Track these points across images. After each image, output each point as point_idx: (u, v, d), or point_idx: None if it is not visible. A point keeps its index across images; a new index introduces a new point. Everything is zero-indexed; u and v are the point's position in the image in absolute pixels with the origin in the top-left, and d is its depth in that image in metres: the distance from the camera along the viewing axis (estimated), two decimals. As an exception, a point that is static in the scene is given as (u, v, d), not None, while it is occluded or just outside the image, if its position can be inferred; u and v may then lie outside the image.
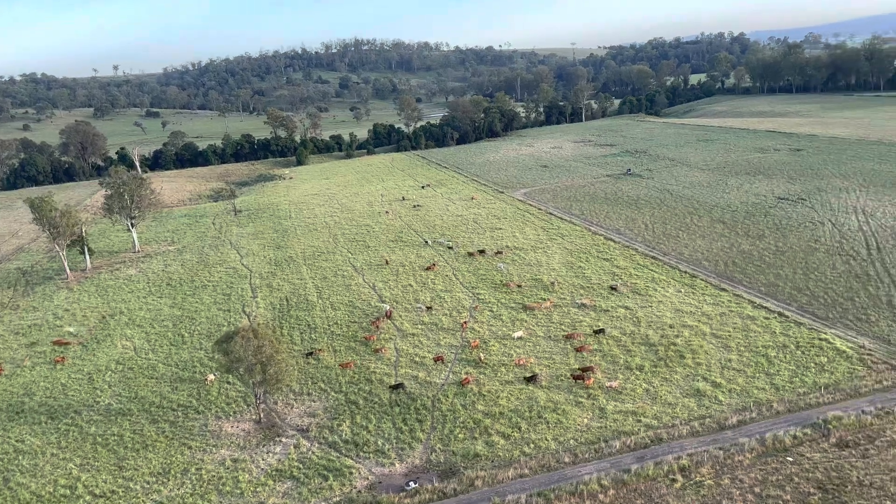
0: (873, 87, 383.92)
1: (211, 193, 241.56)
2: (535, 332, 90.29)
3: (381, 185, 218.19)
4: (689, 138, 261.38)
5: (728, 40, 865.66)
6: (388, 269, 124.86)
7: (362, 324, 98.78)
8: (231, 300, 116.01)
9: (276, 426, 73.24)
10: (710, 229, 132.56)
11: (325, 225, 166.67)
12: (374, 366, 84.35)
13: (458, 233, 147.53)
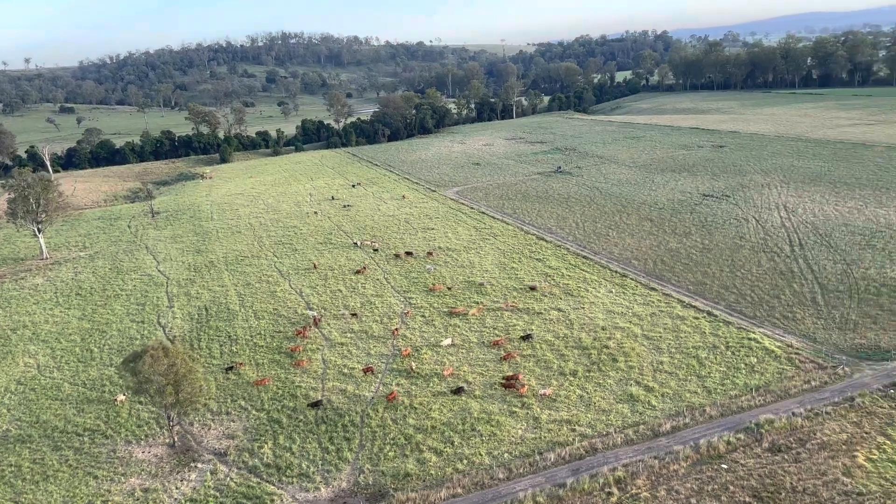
0: (789, 84, 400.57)
1: (128, 194, 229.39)
2: (468, 338, 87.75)
3: (309, 184, 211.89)
4: (617, 136, 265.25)
5: (652, 38, 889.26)
6: (317, 274, 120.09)
7: (287, 334, 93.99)
8: (146, 310, 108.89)
9: (191, 450, 68.07)
10: (638, 227, 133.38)
11: (250, 227, 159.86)
12: (300, 380, 79.94)
13: (389, 233, 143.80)
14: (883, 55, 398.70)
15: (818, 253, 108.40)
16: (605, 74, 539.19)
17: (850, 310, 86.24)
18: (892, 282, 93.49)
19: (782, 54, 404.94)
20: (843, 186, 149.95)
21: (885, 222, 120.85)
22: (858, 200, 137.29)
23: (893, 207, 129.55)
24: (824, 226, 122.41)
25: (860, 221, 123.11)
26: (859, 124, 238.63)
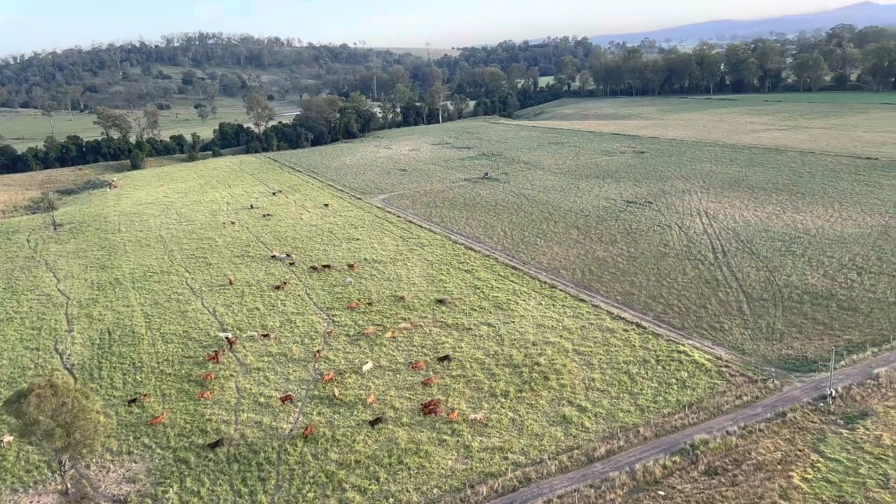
0: (704, 90, 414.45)
1: (29, 204, 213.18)
2: (394, 358, 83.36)
3: (227, 192, 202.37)
4: (542, 141, 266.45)
5: (573, 44, 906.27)
6: (233, 290, 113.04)
7: (198, 359, 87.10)
8: (41, 335, 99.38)
9: (87, 497, 61.05)
10: (565, 235, 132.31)
11: (160, 239, 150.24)
12: (210, 412, 73.60)
13: (312, 245, 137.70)
14: (790, 62, 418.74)
15: (741, 260, 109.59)
16: (529, 80, 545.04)
17: (775, 319, 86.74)
18: (814, 289, 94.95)
19: (697, 61, 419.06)
20: (760, 192, 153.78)
21: (803, 228, 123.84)
22: (776, 206, 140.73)
23: (809, 213, 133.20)
24: (745, 232, 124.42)
25: (779, 227, 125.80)
26: (772, 129, 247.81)
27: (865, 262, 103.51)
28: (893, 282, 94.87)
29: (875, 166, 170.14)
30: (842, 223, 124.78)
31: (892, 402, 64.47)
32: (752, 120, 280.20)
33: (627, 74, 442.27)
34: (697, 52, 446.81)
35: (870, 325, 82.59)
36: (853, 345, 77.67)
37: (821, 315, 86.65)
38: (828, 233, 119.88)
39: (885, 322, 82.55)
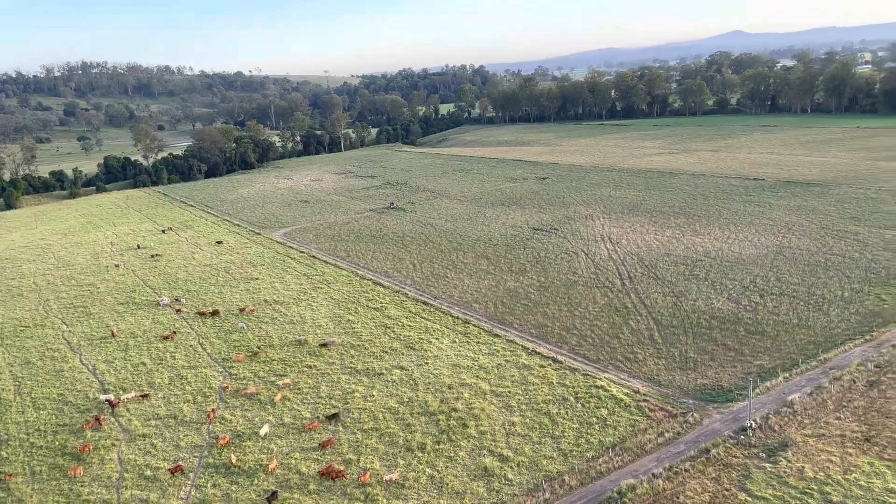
0: (597, 116, 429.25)
1: None
2: (299, 413, 76.68)
3: (111, 231, 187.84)
4: (446, 168, 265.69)
5: (470, 72, 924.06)
6: (116, 344, 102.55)
7: (75, 426, 77.13)
8: None
9: None
10: (475, 266, 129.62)
11: (34, 287, 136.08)
12: (88, 490, 64.42)
13: (206, 287, 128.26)
14: (675, 88, 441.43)
15: (647, 286, 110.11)
16: (430, 107, 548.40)
17: (687, 346, 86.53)
18: (721, 313, 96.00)
19: (589, 88, 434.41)
20: (659, 215, 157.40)
21: (703, 251, 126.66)
22: (675, 229, 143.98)
23: (707, 235, 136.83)
24: (648, 256, 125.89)
25: (680, 250, 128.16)
26: (663, 153, 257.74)
27: (766, 284, 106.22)
28: (794, 303, 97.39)
29: (763, 187, 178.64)
30: (739, 244, 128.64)
31: (810, 430, 64.33)
32: (644, 144, 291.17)
33: (525, 102, 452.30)
34: (589, 80, 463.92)
35: (778, 348, 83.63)
36: (764, 370, 78.07)
37: (730, 340, 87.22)
38: (727, 255, 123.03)
39: (792, 345, 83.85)
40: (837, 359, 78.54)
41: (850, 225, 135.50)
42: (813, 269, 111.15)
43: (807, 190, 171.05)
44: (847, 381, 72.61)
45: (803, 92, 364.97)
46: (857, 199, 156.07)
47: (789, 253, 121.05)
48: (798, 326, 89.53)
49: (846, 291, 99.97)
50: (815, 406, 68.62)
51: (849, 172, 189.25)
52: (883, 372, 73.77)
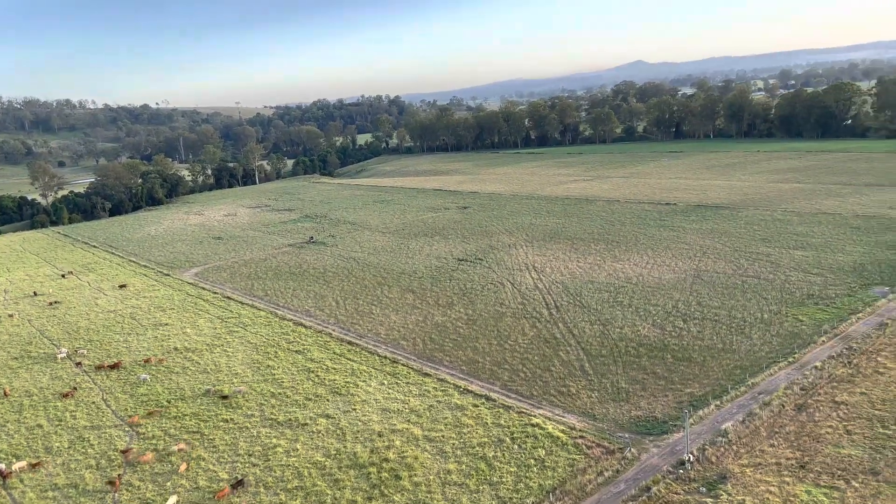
0: (513, 144, 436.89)
1: None
2: (215, 475, 70.39)
3: (4, 278, 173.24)
4: (366, 200, 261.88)
5: (387, 103, 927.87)
6: (8, 404, 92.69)
7: (-45, 508, 68.05)
8: None
9: None
10: (401, 301, 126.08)
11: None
12: (-31, 585, 56.25)
13: (110, 335, 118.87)
14: (585, 116, 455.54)
15: (574, 315, 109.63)
16: (347, 137, 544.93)
17: (618, 376, 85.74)
18: (647, 340, 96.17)
19: (504, 118, 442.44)
20: (580, 242, 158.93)
21: (625, 276, 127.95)
22: (596, 256, 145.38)
23: (628, 261, 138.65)
24: (573, 284, 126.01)
25: (603, 277, 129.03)
26: (579, 180, 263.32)
27: (688, 308, 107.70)
28: (717, 327, 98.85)
29: (675, 211, 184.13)
30: (658, 269, 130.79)
31: (746, 459, 63.96)
32: (560, 171, 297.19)
33: (442, 131, 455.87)
34: (504, 110, 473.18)
35: (706, 374, 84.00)
36: (696, 398, 77.95)
37: (659, 368, 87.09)
38: (648, 280, 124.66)
39: (720, 371, 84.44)
40: (765, 383, 79.44)
41: (761, 246, 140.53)
42: (731, 292, 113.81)
43: (717, 213, 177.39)
44: (776, 405, 73.22)
45: (705, 118, 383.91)
46: (765, 221, 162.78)
47: (707, 276, 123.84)
48: (723, 351, 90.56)
49: (765, 313, 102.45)
50: (749, 434, 68.59)
51: (754, 195, 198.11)
52: (809, 395, 74.90)
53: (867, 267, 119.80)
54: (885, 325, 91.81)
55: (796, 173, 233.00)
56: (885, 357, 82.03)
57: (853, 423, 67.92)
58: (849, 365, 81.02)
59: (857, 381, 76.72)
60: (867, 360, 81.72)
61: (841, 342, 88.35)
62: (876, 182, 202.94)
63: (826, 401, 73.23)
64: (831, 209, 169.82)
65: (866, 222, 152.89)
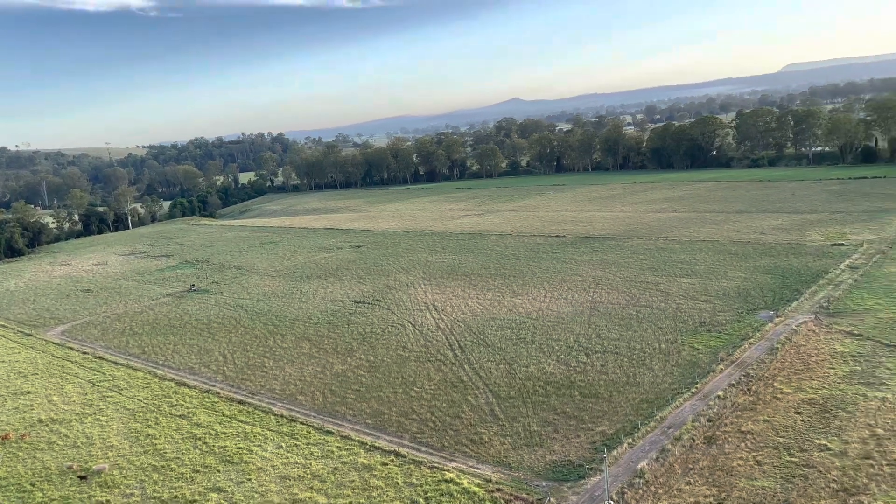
0: (402, 180, 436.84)
1: None
2: (89, 573, 60.88)
3: None
4: (252, 242, 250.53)
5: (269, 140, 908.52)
6: None
7: None
8: None
9: None
10: (296, 350, 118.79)
11: None
12: None
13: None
14: (471, 152, 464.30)
15: (479, 355, 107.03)
16: (229, 176, 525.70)
17: (529, 419, 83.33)
18: (554, 378, 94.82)
19: (392, 154, 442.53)
20: (477, 278, 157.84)
21: (525, 312, 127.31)
22: (495, 291, 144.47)
23: (526, 295, 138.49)
24: (475, 322, 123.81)
25: (504, 313, 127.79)
26: (470, 215, 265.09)
27: (589, 342, 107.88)
28: (619, 360, 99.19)
29: (565, 243, 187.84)
30: (556, 303, 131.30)
31: (665, 500, 62.71)
32: (451, 207, 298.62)
33: (330, 169, 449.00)
34: (392, 146, 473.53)
35: (615, 411, 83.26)
36: (608, 437, 76.69)
37: (569, 407, 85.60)
38: (547, 315, 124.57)
39: (628, 406, 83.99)
40: (672, 416, 79.54)
41: (649, 276, 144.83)
42: (628, 323, 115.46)
43: (604, 244, 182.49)
44: (687, 440, 73.11)
45: (583, 152, 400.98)
46: (650, 250, 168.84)
47: (603, 308, 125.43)
48: (628, 384, 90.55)
49: (662, 343, 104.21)
50: (665, 472, 67.69)
51: (637, 225, 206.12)
52: (716, 426, 75.49)
53: (750, 292, 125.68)
54: (775, 349, 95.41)
55: (672, 203, 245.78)
56: (780, 382, 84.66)
57: (762, 452, 68.65)
58: (749, 392, 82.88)
59: (758, 409, 78.32)
60: (765, 386, 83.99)
61: (738, 369, 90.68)
62: (745, 209, 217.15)
63: (733, 431, 73.98)
64: (709, 237, 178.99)
65: (742, 248, 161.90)
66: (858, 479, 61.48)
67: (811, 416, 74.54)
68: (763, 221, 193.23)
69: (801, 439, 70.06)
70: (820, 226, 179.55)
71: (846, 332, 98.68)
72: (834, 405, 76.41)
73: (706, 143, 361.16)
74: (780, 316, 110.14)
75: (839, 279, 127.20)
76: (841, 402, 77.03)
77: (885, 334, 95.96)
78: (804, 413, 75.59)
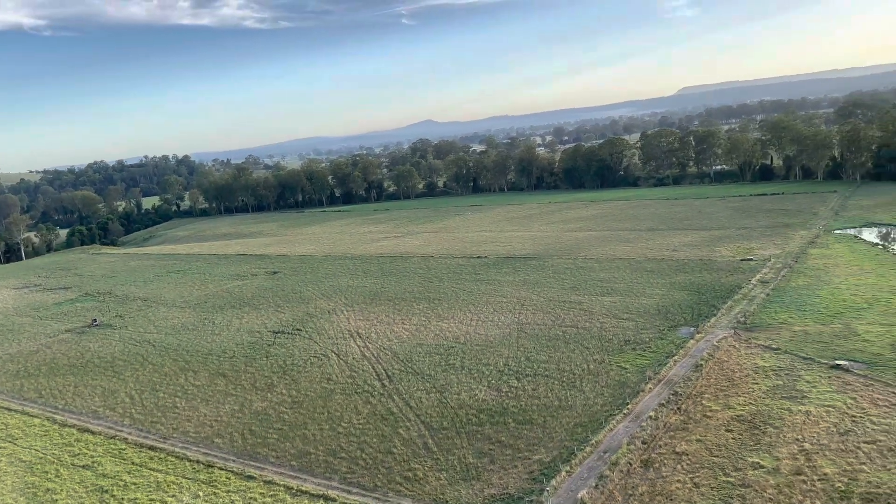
0: (318, 203, 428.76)
1: None
2: None
3: None
4: (159, 270, 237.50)
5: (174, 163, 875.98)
6: None
7: None
8: None
9: None
10: (211, 388, 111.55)
11: None
12: None
13: None
14: (387, 173, 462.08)
15: (409, 384, 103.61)
16: (131, 202, 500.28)
17: (464, 451, 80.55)
18: (486, 405, 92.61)
19: (307, 176, 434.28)
20: (401, 302, 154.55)
21: (452, 336, 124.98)
22: (420, 315, 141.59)
23: (452, 319, 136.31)
24: (402, 349, 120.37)
25: (431, 339, 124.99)
26: (390, 237, 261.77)
27: (519, 365, 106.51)
28: (550, 383, 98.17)
29: (488, 264, 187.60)
30: (483, 326, 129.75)
31: (610, 530, 61.25)
32: (370, 229, 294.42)
33: (240, 192, 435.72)
34: (306, 168, 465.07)
35: (550, 437, 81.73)
36: (545, 465, 74.89)
37: (503, 436, 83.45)
38: (475, 338, 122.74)
39: (563, 432, 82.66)
40: (607, 440, 78.73)
41: (572, 295, 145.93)
42: (555, 344, 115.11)
43: (525, 264, 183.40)
44: (624, 464, 72.26)
45: (499, 173, 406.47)
46: (571, 269, 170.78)
47: (529, 329, 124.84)
48: (561, 408, 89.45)
49: (590, 363, 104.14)
50: (605, 501, 66.37)
51: (555, 244, 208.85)
52: (651, 448, 75.12)
53: (670, 309, 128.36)
54: (700, 366, 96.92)
55: (586, 222, 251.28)
56: (708, 399, 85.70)
57: (698, 473, 68.57)
58: (679, 411, 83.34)
59: (690, 428, 78.69)
60: (694, 405, 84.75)
61: (666, 388, 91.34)
62: (656, 226, 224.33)
63: (668, 453, 73.79)
64: (625, 254, 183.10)
65: (658, 265, 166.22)
66: (794, 496, 62.10)
67: (742, 434, 75.39)
68: (674, 238, 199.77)
69: (735, 458, 70.54)
70: (728, 241, 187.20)
71: (765, 347, 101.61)
72: (762, 421, 77.70)
73: (615, 163, 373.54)
74: (700, 332, 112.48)
75: (752, 294, 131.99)
76: (768, 417, 78.47)
77: (800, 347, 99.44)
78: (734, 430, 76.40)
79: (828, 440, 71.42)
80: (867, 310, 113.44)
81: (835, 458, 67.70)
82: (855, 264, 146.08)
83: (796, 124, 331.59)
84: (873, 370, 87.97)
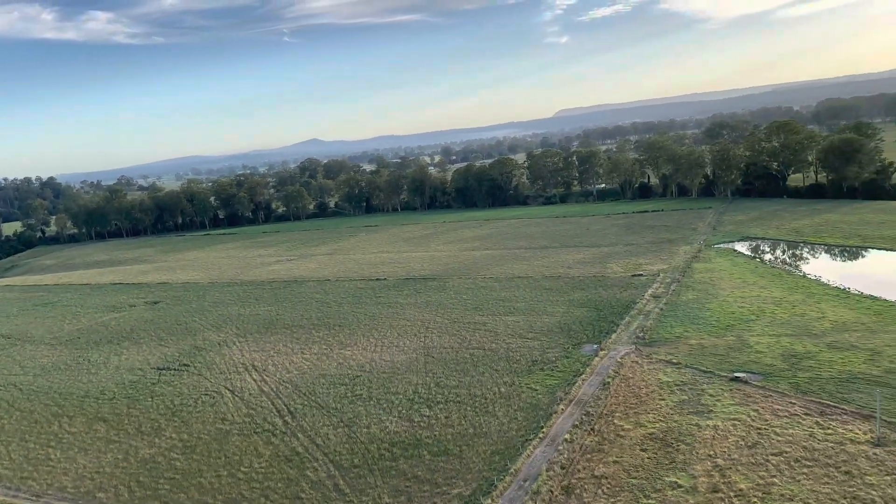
0: (200, 226, 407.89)
1: None
2: None
3: None
4: (24, 304, 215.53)
5: (38, 185, 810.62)
6: None
7: None
8: None
9: None
10: (89, 435, 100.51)
11: None
12: None
13: None
14: (275, 193, 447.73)
15: (313, 419, 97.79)
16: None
17: (379, 490, 76.20)
18: (398, 437, 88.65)
19: (188, 198, 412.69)
20: (299, 330, 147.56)
21: (357, 364, 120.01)
22: (321, 343, 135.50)
23: (355, 346, 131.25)
24: (303, 382, 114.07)
25: (334, 368, 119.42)
26: (282, 261, 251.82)
27: (429, 392, 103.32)
28: (462, 409, 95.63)
29: (388, 286, 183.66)
30: (389, 352, 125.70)
31: (541, 566, 59.05)
32: (259, 253, 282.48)
33: (114, 215, 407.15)
34: (186, 189, 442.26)
35: (468, 468, 78.96)
36: (466, 500, 72.04)
37: (419, 470, 79.84)
38: (381, 365, 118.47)
39: (479, 461, 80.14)
40: (526, 467, 76.99)
41: (475, 315, 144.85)
42: (464, 367, 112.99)
43: (426, 285, 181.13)
44: (545, 493, 70.63)
45: (391, 193, 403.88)
46: (472, 289, 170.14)
47: (436, 353, 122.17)
48: (476, 436, 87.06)
49: (501, 386, 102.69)
50: (532, 532, 64.31)
51: (454, 264, 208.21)
52: (570, 473, 74.07)
53: (571, 326, 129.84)
54: (607, 383, 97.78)
55: (482, 241, 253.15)
56: (619, 418, 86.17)
57: (619, 497, 68.04)
58: (593, 432, 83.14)
59: (606, 449, 78.48)
60: (606, 424, 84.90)
61: (577, 408, 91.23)
62: (549, 244, 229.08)
63: (587, 477, 72.98)
64: (522, 273, 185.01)
65: (555, 283, 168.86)
66: (714, 514, 62.60)
67: (656, 453, 75.92)
68: (567, 256, 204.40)
69: (653, 478, 70.70)
70: (617, 258, 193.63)
71: (666, 362, 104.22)
72: (673, 438, 78.73)
73: (504, 182, 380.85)
74: (603, 349, 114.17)
75: (647, 309, 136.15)
76: (679, 434, 79.66)
77: (699, 361, 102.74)
78: (649, 449, 76.87)
79: (738, 454, 73.19)
80: (755, 321, 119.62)
81: (747, 472, 69.29)
82: (738, 277, 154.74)
83: (671, 144, 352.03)
84: (769, 381, 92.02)
